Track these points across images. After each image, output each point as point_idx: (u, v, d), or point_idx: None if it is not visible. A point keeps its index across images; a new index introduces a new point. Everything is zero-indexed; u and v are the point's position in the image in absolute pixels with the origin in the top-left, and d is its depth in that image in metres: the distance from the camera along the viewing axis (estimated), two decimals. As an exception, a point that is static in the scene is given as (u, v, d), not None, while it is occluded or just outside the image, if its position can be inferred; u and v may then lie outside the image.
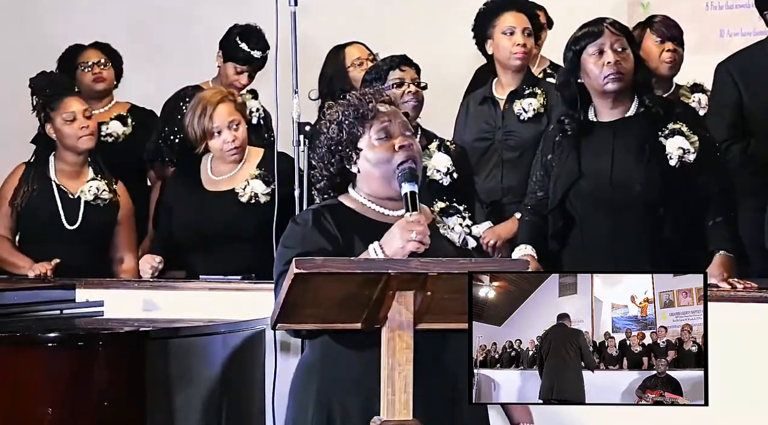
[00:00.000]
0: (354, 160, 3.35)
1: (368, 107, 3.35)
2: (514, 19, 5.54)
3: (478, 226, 5.33)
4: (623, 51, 4.46)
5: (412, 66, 5.09)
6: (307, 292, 2.99)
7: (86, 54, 6.24)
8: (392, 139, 3.33)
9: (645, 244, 4.45)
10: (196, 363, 4.04)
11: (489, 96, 5.62)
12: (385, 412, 3.00)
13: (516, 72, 5.55)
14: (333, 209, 3.33)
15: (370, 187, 3.35)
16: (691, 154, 4.42)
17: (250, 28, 5.96)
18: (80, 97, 5.76)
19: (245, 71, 5.95)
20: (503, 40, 5.52)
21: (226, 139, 5.17)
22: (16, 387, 3.77)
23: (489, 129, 5.56)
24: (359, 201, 3.37)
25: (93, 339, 3.90)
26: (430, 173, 5.04)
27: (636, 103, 4.51)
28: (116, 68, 6.29)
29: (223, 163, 5.26)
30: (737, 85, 5.13)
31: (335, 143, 3.36)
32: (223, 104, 5.21)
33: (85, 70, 6.20)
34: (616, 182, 4.45)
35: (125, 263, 5.50)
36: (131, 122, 6.16)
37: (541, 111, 5.46)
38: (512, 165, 5.47)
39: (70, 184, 5.44)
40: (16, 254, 5.37)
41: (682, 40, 5.58)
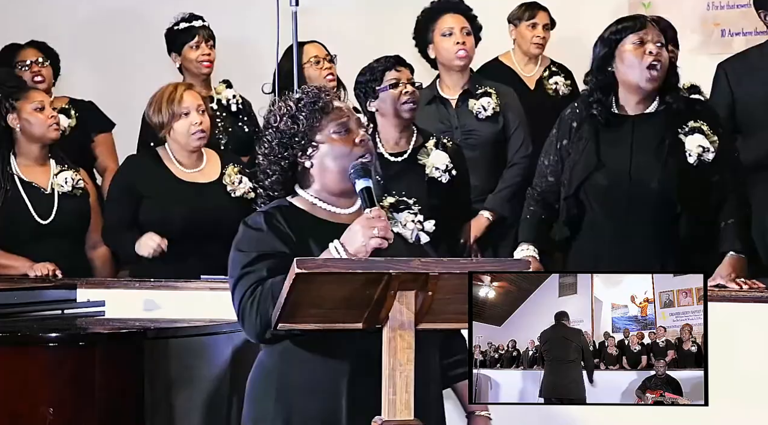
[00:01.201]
0: (308, 153, 3.29)
1: (326, 99, 3.31)
2: (452, 20, 5.72)
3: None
4: (661, 47, 4.46)
5: (406, 66, 5.11)
6: (307, 292, 2.99)
7: (24, 53, 6.25)
8: (351, 134, 3.30)
9: (657, 240, 4.45)
10: (197, 363, 4.04)
11: (437, 95, 5.69)
12: (386, 412, 3.00)
13: (460, 72, 5.69)
14: (283, 211, 3.29)
15: (323, 182, 3.30)
16: (710, 153, 4.42)
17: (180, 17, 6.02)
18: None
19: (200, 43, 5.95)
20: (443, 42, 5.69)
21: (193, 120, 5.19)
22: (17, 386, 3.77)
23: (445, 129, 5.62)
24: (309, 201, 3.32)
25: (94, 338, 3.90)
26: (428, 171, 5.06)
27: (657, 99, 4.51)
28: (54, 66, 6.30)
29: (184, 152, 5.26)
30: (730, 85, 5.18)
31: (288, 136, 3.29)
32: (190, 91, 5.28)
33: (23, 69, 6.18)
34: (635, 175, 4.44)
35: (98, 250, 5.51)
36: (74, 114, 6.16)
37: (497, 110, 5.58)
38: (474, 164, 5.50)
39: (37, 178, 5.41)
40: (8, 256, 5.32)
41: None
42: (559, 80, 6.29)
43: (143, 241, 5.16)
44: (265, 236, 3.23)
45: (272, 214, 3.28)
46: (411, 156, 5.12)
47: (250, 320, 3.17)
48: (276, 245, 3.21)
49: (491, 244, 5.68)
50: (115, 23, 7.20)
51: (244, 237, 3.27)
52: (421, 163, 5.08)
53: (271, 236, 3.23)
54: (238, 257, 3.24)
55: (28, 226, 5.36)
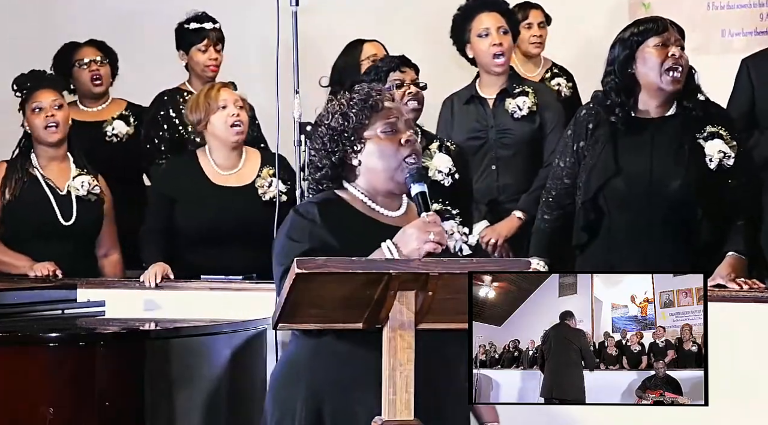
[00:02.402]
0: (357, 150, 3.33)
1: (377, 98, 3.35)
2: (488, 19, 5.64)
3: (476, 225, 5.34)
4: (682, 50, 4.45)
5: (411, 67, 5.08)
6: (308, 292, 2.99)
7: (82, 51, 6.23)
8: (398, 134, 3.33)
9: (676, 244, 4.42)
10: (197, 363, 4.04)
11: (475, 95, 5.67)
12: (386, 412, 3.00)
13: (498, 71, 5.63)
14: (335, 204, 3.32)
15: (370, 181, 3.34)
16: (731, 159, 4.40)
17: (192, 15, 6.00)
18: (77, 94, 5.79)
19: (209, 47, 5.95)
20: (480, 43, 5.62)
21: (230, 112, 5.21)
22: (18, 386, 3.78)
23: (481, 128, 5.60)
24: (357, 197, 3.35)
25: (94, 339, 3.90)
26: (431, 173, 5.04)
27: (675, 104, 4.49)
28: (112, 66, 6.29)
29: (223, 150, 5.27)
30: (751, 81, 5.17)
31: (339, 132, 3.34)
32: (227, 88, 5.34)
33: (81, 68, 6.19)
34: (655, 180, 4.42)
35: (110, 257, 5.50)
36: (133, 121, 6.16)
37: (534, 109, 5.55)
38: (507, 163, 5.50)
39: (54, 177, 5.41)
40: (10, 253, 5.32)
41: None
42: (562, 82, 6.28)
43: (149, 270, 5.08)
44: (318, 228, 3.25)
45: (325, 206, 3.30)
46: None
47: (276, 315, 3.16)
48: (327, 239, 3.22)
49: (524, 244, 5.64)
50: (116, 25, 7.19)
51: (296, 226, 3.27)
52: (424, 165, 5.06)
53: (323, 228, 3.24)
54: (289, 245, 3.24)
55: (48, 223, 5.35)
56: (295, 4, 4.83)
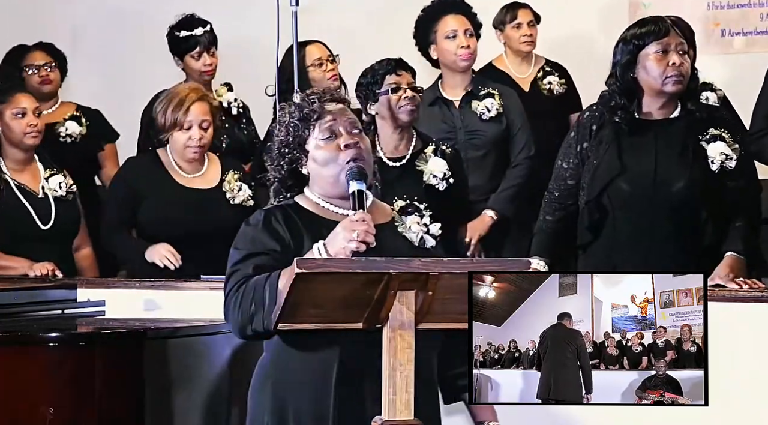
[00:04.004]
0: (303, 162, 3.35)
1: (312, 107, 3.34)
2: (455, 21, 5.69)
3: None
4: (684, 54, 4.44)
5: (408, 70, 5.07)
6: (307, 292, 2.99)
7: (32, 56, 6.20)
8: (337, 138, 3.31)
9: (680, 245, 4.42)
10: (197, 363, 4.04)
11: (439, 97, 5.68)
12: (386, 412, 3.00)
13: (463, 73, 5.69)
14: (286, 210, 3.33)
15: (321, 187, 3.35)
16: (733, 161, 4.41)
17: (181, 19, 5.97)
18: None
19: (202, 52, 5.91)
20: (447, 44, 5.67)
21: (192, 135, 5.16)
22: (17, 386, 3.77)
23: (449, 129, 5.62)
24: (314, 201, 3.36)
25: (94, 338, 3.90)
26: (426, 177, 5.04)
27: (679, 106, 4.50)
28: (61, 69, 6.26)
29: (182, 160, 5.25)
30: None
31: (284, 145, 3.36)
32: (201, 102, 5.22)
33: (31, 73, 6.15)
34: (659, 181, 4.42)
35: (82, 251, 5.51)
36: (85, 122, 6.14)
37: (500, 111, 5.58)
38: (477, 164, 5.52)
39: (27, 181, 5.39)
40: (6, 256, 5.29)
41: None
42: (553, 80, 6.28)
43: (157, 249, 5.12)
44: (259, 233, 3.27)
45: (272, 212, 3.33)
46: (409, 162, 5.09)
47: (232, 316, 3.22)
48: (267, 243, 3.25)
49: (495, 244, 5.67)
50: (112, 23, 7.20)
51: (240, 235, 3.32)
52: (419, 169, 5.06)
53: (264, 233, 3.27)
54: (232, 254, 3.30)
55: (27, 230, 5.34)
56: (295, 4, 4.83)
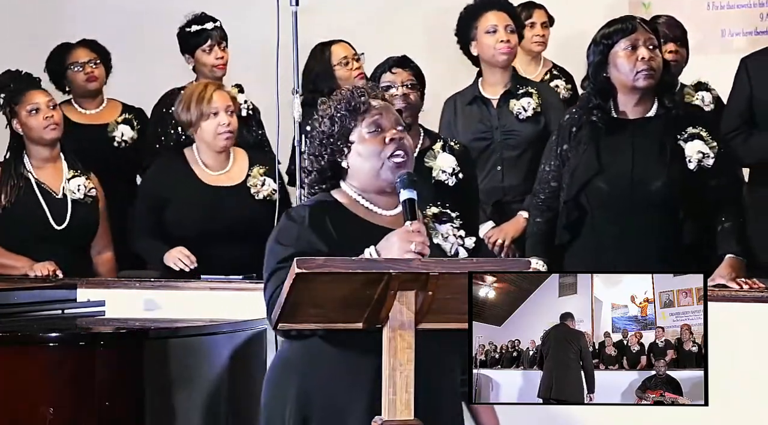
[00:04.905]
0: (345, 153, 3.35)
1: (360, 100, 3.36)
2: (496, 17, 5.65)
3: (482, 226, 5.34)
4: (654, 49, 4.46)
5: (406, 67, 5.04)
6: (308, 292, 2.99)
7: (76, 53, 6.19)
8: (383, 132, 3.33)
9: (658, 244, 4.45)
10: (197, 363, 4.04)
11: (478, 95, 5.66)
12: (386, 412, 3.00)
13: (502, 70, 5.64)
14: (329, 207, 3.32)
15: (360, 181, 3.35)
16: (710, 159, 4.43)
17: (192, 17, 5.98)
18: (71, 94, 5.77)
19: (213, 46, 5.92)
20: (487, 39, 5.62)
21: (221, 121, 5.19)
22: (17, 386, 3.78)
23: (486, 129, 5.60)
24: (351, 197, 3.36)
25: (94, 338, 3.90)
26: (435, 173, 5.02)
27: (656, 104, 4.51)
28: (105, 65, 6.25)
29: (211, 152, 5.26)
30: (750, 80, 5.17)
31: (327, 136, 3.36)
32: (220, 91, 5.30)
33: (76, 70, 6.15)
34: (636, 180, 4.44)
35: (103, 255, 5.50)
36: (136, 124, 6.14)
37: (538, 110, 5.56)
38: (512, 164, 5.50)
39: (49, 181, 5.40)
40: (9, 254, 5.30)
41: (686, 40, 5.57)
42: (560, 84, 6.28)
43: (173, 253, 5.13)
44: (306, 231, 3.25)
45: (317, 209, 3.31)
46: (418, 158, 5.09)
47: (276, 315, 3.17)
48: (315, 243, 3.23)
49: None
50: (122, 23, 7.19)
51: (285, 230, 3.29)
52: (428, 165, 5.05)
53: (311, 232, 3.25)
54: (276, 249, 3.26)
55: (40, 228, 5.33)
56: (295, 4, 4.82)
